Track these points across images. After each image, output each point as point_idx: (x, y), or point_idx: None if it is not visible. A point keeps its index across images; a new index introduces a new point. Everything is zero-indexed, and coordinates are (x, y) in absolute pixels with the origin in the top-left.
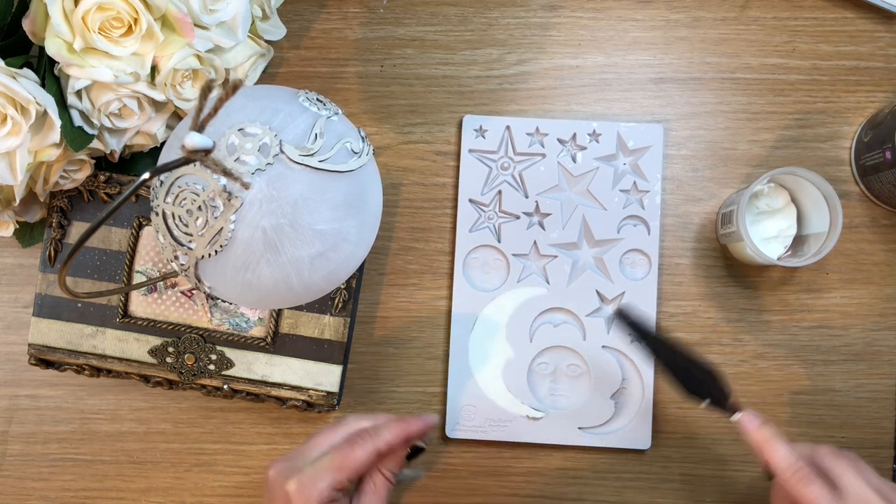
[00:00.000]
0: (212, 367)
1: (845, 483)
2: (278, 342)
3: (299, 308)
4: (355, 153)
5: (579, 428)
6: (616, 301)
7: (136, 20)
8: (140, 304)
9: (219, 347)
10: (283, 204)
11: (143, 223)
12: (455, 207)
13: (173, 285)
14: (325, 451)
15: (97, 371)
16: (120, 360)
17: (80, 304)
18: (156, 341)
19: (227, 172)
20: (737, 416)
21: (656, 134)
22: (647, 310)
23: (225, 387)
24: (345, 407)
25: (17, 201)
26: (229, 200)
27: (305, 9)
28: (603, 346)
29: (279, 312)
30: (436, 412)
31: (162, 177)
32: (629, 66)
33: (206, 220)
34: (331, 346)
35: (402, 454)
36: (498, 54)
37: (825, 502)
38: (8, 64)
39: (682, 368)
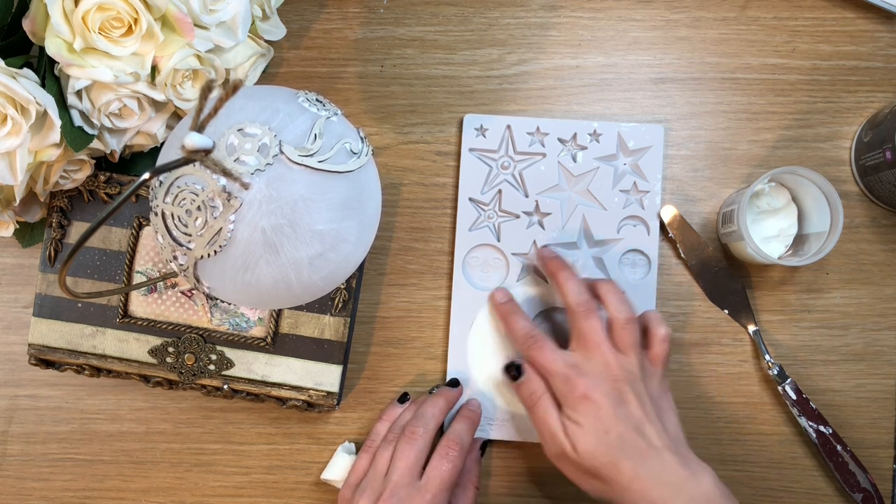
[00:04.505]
0: (212, 367)
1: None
2: (278, 342)
3: (299, 308)
4: (354, 154)
5: None
6: None
7: (136, 20)
8: (140, 304)
9: (219, 347)
10: (282, 204)
11: (143, 223)
12: (455, 207)
13: (173, 285)
14: (404, 472)
15: (97, 371)
16: (120, 360)
17: (80, 304)
18: (156, 341)
19: (226, 172)
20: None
21: (656, 134)
22: (647, 309)
23: (225, 387)
24: (345, 407)
25: (17, 201)
26: (228, 201)
27: (305, 9)
28: None
29: (279, 312)
30: None
31: (161, 177)
32: (629, 66)
33: (206, 221)
34: (331, 346)
35: (478, 456)
36: (498, 54)
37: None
38: (8, 64)
39: None
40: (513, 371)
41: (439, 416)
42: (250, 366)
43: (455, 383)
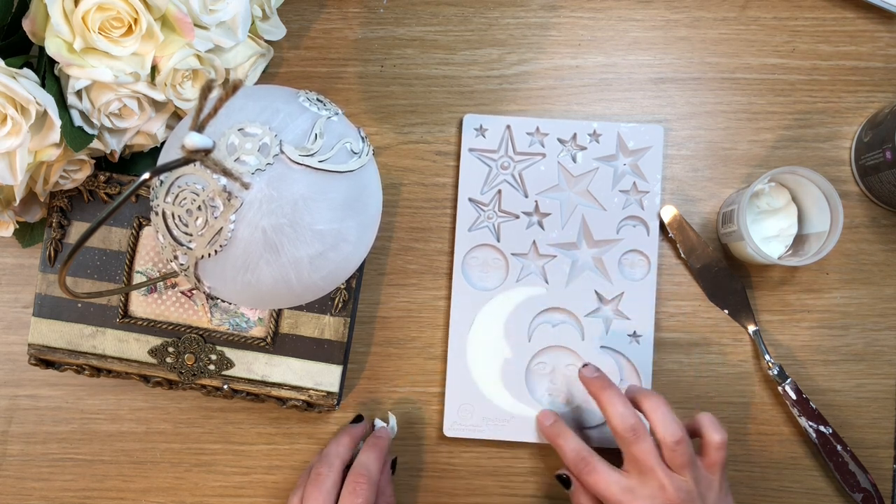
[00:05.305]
0: (212, 367)
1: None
2: (278, 342)
3: (299, 308)
4: (355, 153)
5: (578, 428)
6: (615, 301)
7: (136, 20)
8: (140, 305)
9: (219, 347)
10: (282, 204)
11: (143, 223)
12: (455, 207)
13: (173, 285)
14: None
15: (97, 371)
16: (120, 360)
17: (80, 304)
18: (156, 341)
19: (226, 172)
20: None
21: (656, 134)
22: (646, 310)
23: (225, 387)
24: (345, 407)
25: (17, 201)
26: (229, 200)
27: (305, 9)
28: (601, 347)
29: (279, 312)
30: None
31: (162, 176)
32: (629, 66)
33: (206, 220)
34: (331, 346)
35: (389, 475)
36: (498, 54)
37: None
38: (8, 64)
39: None
40: (563, 477)
41: (344, 454)
42: (250, 366)
43: (359, 419)
